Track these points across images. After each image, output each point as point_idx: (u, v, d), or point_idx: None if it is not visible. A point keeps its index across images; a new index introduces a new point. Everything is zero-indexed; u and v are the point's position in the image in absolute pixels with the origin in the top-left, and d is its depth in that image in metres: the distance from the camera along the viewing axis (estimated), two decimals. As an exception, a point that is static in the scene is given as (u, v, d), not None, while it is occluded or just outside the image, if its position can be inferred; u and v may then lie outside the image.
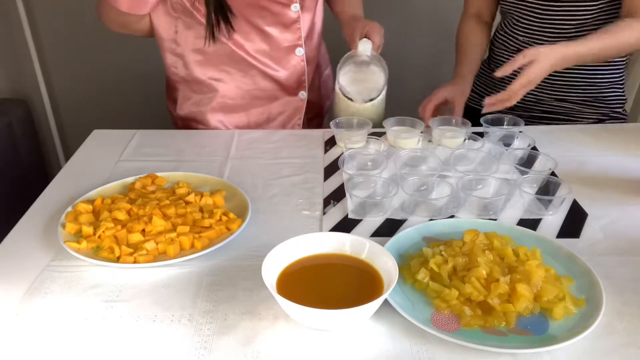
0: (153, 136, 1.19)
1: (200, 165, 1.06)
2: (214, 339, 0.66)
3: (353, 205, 0.92)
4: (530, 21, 1.24)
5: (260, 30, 1.17)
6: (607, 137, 1.18)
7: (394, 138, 1.11)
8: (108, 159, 1.10)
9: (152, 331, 0.67)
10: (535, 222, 0.88)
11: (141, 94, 2.04)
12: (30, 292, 0.73)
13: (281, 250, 0.72)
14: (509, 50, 1.31)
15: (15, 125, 1.94)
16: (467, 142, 1.12)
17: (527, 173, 0.98)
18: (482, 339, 0.64)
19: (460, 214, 0.90)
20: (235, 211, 0.88)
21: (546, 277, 0.71)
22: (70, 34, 1.96)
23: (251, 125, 1.28)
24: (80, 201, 0.90)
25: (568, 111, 1.29)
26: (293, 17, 1.17)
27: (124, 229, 0.82)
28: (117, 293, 0.73)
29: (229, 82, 1.23)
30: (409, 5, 1.93)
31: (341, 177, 1.02)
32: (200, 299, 0.72)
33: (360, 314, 0.64)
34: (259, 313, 0.70)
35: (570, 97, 1.28)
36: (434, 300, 0.70)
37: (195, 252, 0.79)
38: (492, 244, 0.77)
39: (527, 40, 1.26)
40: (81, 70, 2.02)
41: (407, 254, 0.79)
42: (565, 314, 0.68)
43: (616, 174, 1.03)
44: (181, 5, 1.15)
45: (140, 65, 1.96)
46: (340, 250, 0.75)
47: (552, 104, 1.30)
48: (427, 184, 0.95)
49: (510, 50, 1.31)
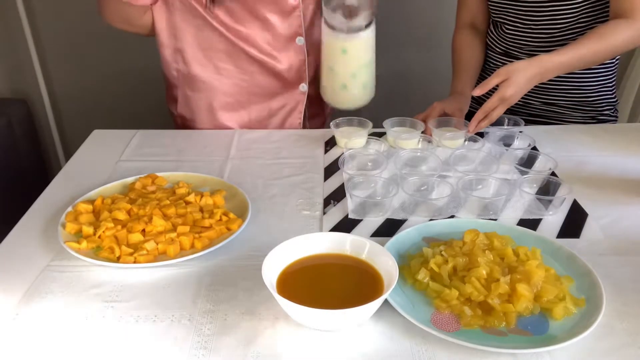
0: (153, 136, 1.19)
1: (200, 165, 1.06)
2: (214, 339, 0.66)
3: (353, 205, 0.92)
4: (517, 26, 1.24)
5: (260, 17, 1.15)
6: (607, 137, 1.18)
7: (394, 139, 1.11)
8: (108, 159, 1.10)
9: (152, 331, 0.67)
10: (536, 222, 0.88)
11: (141, 94, 2.03)
12: (30, 292, 0.73)
13: (281, 250, 0.72)
14: (497, 52, 1.31)
15: (15, 125, 1.94)
16: (467, 143, 1.12)
17: (527, 173, 0.98)
18: (482, 339, 0.64)
19: (460, 214, 0.90)
20: (235, 211, 0.88)
21: (546, 277, 0.71)
22: (70, 34, 1.96)
23: (252, 121, 1.27)
24: (81, 201, 0.90)
25: (557, 115, 1.29)
26: (293, 3, 1.15)
27: (124, 229, 0.82)
28: (117, 293, 0.73)
29: (228, 80, 1.22)
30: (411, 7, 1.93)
31: (341, 177, 1.02)
32: (200, 299, 0.72)
33: (360, 314, 0.64)
34: (259, 313, 0.70)
35: (559, 101, 1.28)
36: (434, 300, 0.70)
37: (196, 252, 0.79)
38: (492, 244, 0.77)
39: (516, 45, 1.26)
40: (81, 70, 2.02)
41: (407, 254, 0.79)
42: (566, 314, 0.68)
43: (616, 174, 1.03)
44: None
45: (141, 65, 1.96)
46: (341, 250, 0.75)
47: (540, 107, 1.30)
48: (427, 184, 0.95)
49: (498, 53, 1.30)
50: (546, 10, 1.18)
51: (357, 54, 1.16)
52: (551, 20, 1.18)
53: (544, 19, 1.19)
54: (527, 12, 1.21)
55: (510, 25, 1.25)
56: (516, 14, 1.23)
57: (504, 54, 1.29)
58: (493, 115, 1.07)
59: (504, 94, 1.03)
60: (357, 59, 1.16)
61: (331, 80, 1.19)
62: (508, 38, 1.27)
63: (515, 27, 1.24)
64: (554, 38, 1.20)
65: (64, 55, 2.00)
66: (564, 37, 1.19)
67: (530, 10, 1.20)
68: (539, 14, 1.19)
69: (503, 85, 1.03)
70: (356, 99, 1.21)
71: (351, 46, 1.14)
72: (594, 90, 1.26)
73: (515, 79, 1.02)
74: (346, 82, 1.18)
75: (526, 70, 1.03)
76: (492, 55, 1.33)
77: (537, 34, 1.22)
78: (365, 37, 1.15)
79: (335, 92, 1.21)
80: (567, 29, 1.18)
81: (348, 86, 1.18)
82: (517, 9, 1.22)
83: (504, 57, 1.29)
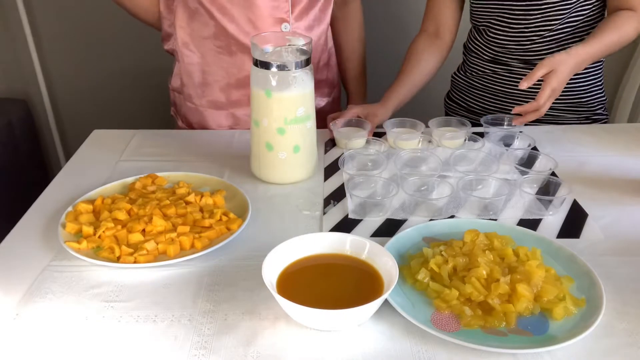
0: (153, 136, 1.19)
1: (200, 165, 1.06)
2: (214, 339, 0.66)
3: (353, 205, 0.92)
4: (506, 31, 1.23)
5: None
6: (607, 137, 1.18)
7: (394, 139, 1.11)
8: (108, 159, 1.10)
9: (152, 331, 0.67)
10: (536, 222, 0.88)
11: (141, 94, 2.04)
12: (30, 292, 0.73)
13: (281, 250, 0.72)
14: (484, 59, 1.30)
15: (15, 125, 1.94)
16: (467, 143, 1.12)
17: (527, 173, 0.98)
18: (483, 339, 0.64)
19: (460, 214, 0.90)
20: (235, 211, 0.88)
21: (546, 278, 0.71)
22: (70, 34, 1.96)
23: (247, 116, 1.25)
24: (81, 201, 0.90)
25: (550, 118, 1.28)
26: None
27: (124, 229, 0.82)
28: (117, 293, 0.73)
29: (218, 69, 1.21)
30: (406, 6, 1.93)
31: (341, 177, 1.02)
32: (201, 299, 0.72)
33: (360, 314, 0.64)
34: (259, 313, 0.70)
35: (554, 104, 1.27)
36: (434, 301, 0.70)
37: (196, 252, 0.79)
38: (492, 244, 0.77)
39: (505, 50, 1.25)
40: (81, 70, 2.02)
41: (408, 254, 0.79)
42: (566, 314, 0.68)
43: (616, 174, 1.03)
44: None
45: (140, 65, 1.97)
46: (341, 250, 0.75)
47: None
48: (427, 184, 0.95)
49: (486, 60, 1.29)
50: (540, 12, 1.17)
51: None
52: (544, 22, 1.18)
53: (537, 21, 1.18)
54: (518, 16, 1.20)
55: (499, 31, 1.24)
56: (506, 18, 1.21)
57: (491, 61, 1.28)
58: (543, 109, 1.06)
59: (553, 85, 1.03)
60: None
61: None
62: (496, 44, 1.26)
63: (504, 32, 1.23)
64: (545, 40, 1.20)
65: (64, 55, 2.00)
66: (554, 39, 1.19)
67: (523, 13, 1.19)
68: (532, 17, 1.18)
69: (550, 77, 1.03)
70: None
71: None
72: (587, 90, 1.26)
73: (561, 70, 1.02)
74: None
75: (567, 62, 1.03)
76: (479, 63, 1.31)
77: (528, 37, 1.21)
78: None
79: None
80: (559, 31, 1.18)
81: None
82: (508, 14, 1.21)
83: (492, 64, 1.28)
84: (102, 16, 1.90)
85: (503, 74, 1.28)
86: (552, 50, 1.20)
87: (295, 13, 1.18)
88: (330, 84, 1.39)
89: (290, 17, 1.17)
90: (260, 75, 0.93)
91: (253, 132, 0.98)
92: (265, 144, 0.96)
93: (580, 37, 1.19)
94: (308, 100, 0.95)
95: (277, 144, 0.95)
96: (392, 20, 1.92)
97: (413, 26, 1.93)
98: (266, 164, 0.98)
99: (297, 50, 0.93)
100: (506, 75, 1.28)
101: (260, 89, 0.93)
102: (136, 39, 1.31)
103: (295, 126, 0.95)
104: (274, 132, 0.94)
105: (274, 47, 0.92)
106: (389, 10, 1.91)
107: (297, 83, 0.92)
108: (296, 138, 0.96)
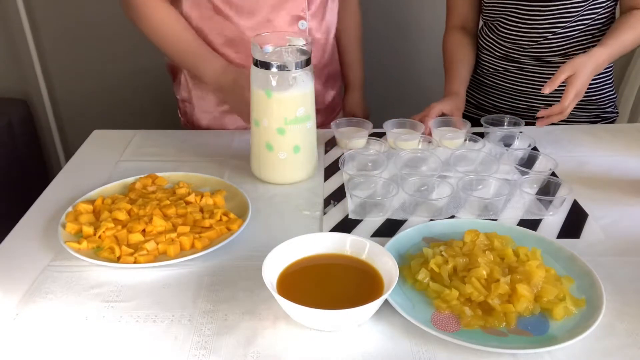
0: (153, 136, 1.19)
1: (200, 165, 1.06)
2: (214, 339, 0.66)
3: (353, 205, 0.92)
4: (519, 27, 1.23)
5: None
6: (607, 137, 1.18)
7: (395, 140, 1.11)
8: (108, 159, 1.10)
9: (152, 331, 0.67)
10: (536, 222, 0.88)
11: (141, 94, 2.04)
12: (30, 292, 0.73)
13: (281, 250, 0.72)
14: (496, 56, 1.30)
15: (15, 125, 1.94)
16: (467, 143, 1.12)
17: (527, 173, 0.98)
18: (483, 340, 0.64)
19: (460, 214, 0.90)
20: (235, 211, 0.88)
21: (546, 278, 0.71)
22: (70, 34, 1.96)
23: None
24: (81, 201, 0.90)
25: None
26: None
27: (125, 229, 0.82)
28: (117, 293, 0.73)
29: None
30: (411, 9, 1.93)
31: (341, 178, 1.02)
32: (201, 299, 0.72)
33: (360, 314, 0.64)
34: (259, 313, 0.70)
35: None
36: (434, 301, 0.70)
37: (196, 252, 0.79)
38: (492, 245, 0.77)
39: (517, 47, 1.25)
40: (81, 70, 2.02)
41: (408, 254, 0.79)
42: (566, 314, 0.68)
43: (617, 174, 1.03)
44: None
45: (141, 65, 1.97)
46: (341, 251, 0.75)
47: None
48: (427, 185, 0.95)
49: (497, 57, 1.30)
50: (553, 9, 1.17)
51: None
52: (557, 18, 1.18)
53: (550, 18, 1.18)
54: (531, 12, 1.20)
55: (511, 27, 1.24)
56: (519, 14, 1.22)
57: (503, 58, 1.28)
58: (567, 111, 1.06)
59: (577, 87, 1.04)
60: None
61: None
62: (508, 40, 1.26)
63: (517, 28, 1.23)
64: (557, 36, 1.20)
65: (64, 55, 2.00)
66: (567, 36, 1.19)
67: (536, 9, 1.19)
68: (545, 13, 1.18)
69: (573, 80, 1.03)
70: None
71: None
72: (599, 89, 1.27)
73: (582, 73, 1.03)
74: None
75: (588, 64, 1.04)
76: (490, 60, 1.32)
77: (541, 34, 1.21)
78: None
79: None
80: (572, 28, 1.18)
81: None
82: (521, 9, 1.21)
83: (503, 62, 1.29)
84: (102, 16, 1.90)
85: (514, 71, 1.28)
86: (564, 47, 1.21)
87: (311, 10, 1.17)
88: (337, 75, 1.39)
89: (307, 13, 1.16)
90: (260, 76, 0.93)
91: (253, 132, 0.98)
92: (266, 144, 0.96)
93: (592, 35, 1.19)
94: (308, 101, 0.96)
95: (277, 144, 0.96)
96: (393, 20, 1.93)
97: (413, 26, 1.95)
98: (266, 164, 0.98)
99: (297, 50, 0.93)
100: (518, 72, 1.28)
101: (260, 89, 0.93)
102: (136, 39, 1.31)
103: (295, 126, 0.95)
104: (274, 132, 0.95)
105: (274, 47, 0.92)
106: (389, 10, 1.91)
107: (297, 83, 0.92)
108: (296, 138, 0.96)
